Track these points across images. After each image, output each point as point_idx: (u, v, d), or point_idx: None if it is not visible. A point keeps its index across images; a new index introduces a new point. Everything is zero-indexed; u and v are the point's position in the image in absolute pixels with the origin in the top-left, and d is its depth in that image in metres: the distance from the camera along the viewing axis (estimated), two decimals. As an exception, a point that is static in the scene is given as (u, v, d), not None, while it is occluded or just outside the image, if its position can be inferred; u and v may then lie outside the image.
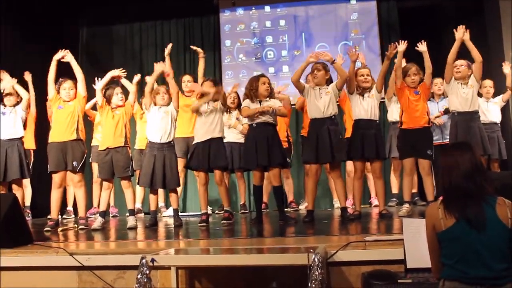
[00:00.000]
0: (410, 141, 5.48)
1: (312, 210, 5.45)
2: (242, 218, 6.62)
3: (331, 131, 5.35)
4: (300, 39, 8.80)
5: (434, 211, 2.58)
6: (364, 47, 8.57)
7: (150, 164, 5.64)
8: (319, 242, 3.77)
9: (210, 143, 5.55)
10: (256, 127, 5.47)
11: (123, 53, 9.26)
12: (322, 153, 5.34)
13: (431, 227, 2.59)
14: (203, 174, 5.62)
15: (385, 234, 4.03)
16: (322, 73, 5.51)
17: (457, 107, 5.76)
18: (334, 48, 8.59)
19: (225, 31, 9.00)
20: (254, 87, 5.52)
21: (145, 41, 9.30)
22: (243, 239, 4.49)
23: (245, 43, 8.94)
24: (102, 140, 5.81)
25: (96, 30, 9.37)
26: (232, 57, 8.91)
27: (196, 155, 5.59)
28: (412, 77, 5.55)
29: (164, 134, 5.69)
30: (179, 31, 9.22)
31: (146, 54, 9.24)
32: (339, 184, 5.49)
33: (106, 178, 5.72)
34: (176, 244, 4.35)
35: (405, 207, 5.49)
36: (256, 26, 8.94)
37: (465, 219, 2.46)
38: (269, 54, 8.85)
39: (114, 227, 6.17)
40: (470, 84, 5.67)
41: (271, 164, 5.40)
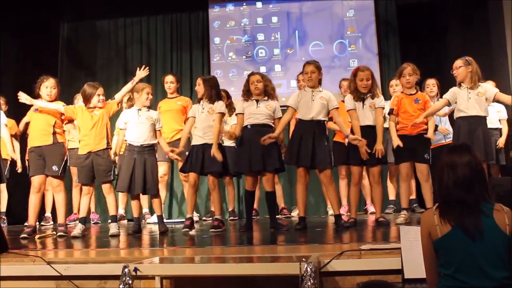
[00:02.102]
0: (407, 145, 5.49)
1: (304, 217, 5.45)
2: (231, 225, 6.60)
3: (316, 136, 5.33)
4: (294, 37, 8.81)
5: (430, 217, 2.58)
6: (361, 45, 8.61)
7: (129, 168, 5.62)
8: (312, 251, 3.76)
9: (205, 147, 5.54)
10: (251, 129, 5.46)
11: (106, 50, 9.24)
12: (302, 156, 5.32)
13: (427, 235, 2.59)
14: (194, 176, 5.59)
15: (382, 242, 4.03)
16: (316, 74, 5.46)
17: (462, 112, 5.57)
18: (329, 46, 8.63)
19: (214, 27, 9.00)
20: (246, 89, 5.55)
21: (130, 37, 9.28)
22: (232, 247, 4.48)
23: (236, 41, 8.95)
24: (82, 144, 5.73)
25: (78, 24, 9.34)
26: (222, 55, 8.92)
27: (190, 158, 5.60)
28: (407, 77, 5.55)
29: (144, 137, 5.68)
30: (166, 27, 9.22)
31: (131, 51, 9.23)
32: (330, 190, 5.47)
33: (86, 183, 5.70)
34: (160, 252, 4.33)
35: (403, 214, 5.49)
36: (247, 23, 8.95)
37: (461, 227, 2.46)
38: (261, 53, 8.87)
39: (95, 235, 6.13)
40: (481, 92, 5.50)
41: (266, 169, 5.39)
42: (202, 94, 5.67)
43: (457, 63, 5.55)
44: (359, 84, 5.52)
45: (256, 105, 5.49)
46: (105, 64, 9.13)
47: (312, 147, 5.31)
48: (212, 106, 5.60)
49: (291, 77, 8.43)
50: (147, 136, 5.71)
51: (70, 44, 9.31)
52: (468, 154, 2.57)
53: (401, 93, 5.72)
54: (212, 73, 8.79)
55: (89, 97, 5.68)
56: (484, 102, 5.51)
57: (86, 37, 9.29)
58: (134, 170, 5.62)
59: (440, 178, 2.60)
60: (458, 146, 2.70)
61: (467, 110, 5.49)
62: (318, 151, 5.32)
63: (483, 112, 5.50)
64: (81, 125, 5.75)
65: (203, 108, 5.62)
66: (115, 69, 9.14)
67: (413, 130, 5.50)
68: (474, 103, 5.44)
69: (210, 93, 5.62)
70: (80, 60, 9.14)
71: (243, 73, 8.51)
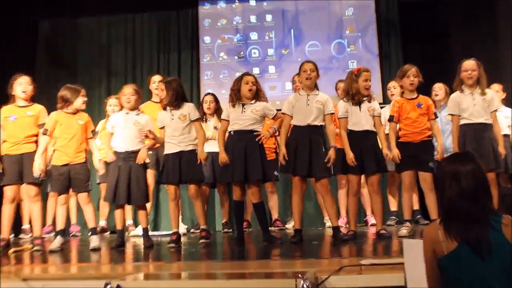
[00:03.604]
0: (410, 152, 5.48)
1: (300, 229, 5.43)
2: (224, 237, 6.58)
3: (313, 142, 5.32)
4: (289, 36, 8.82)
5: (433, 233, 2.54)
6: (361, 46, 8.63)
7: (114, 177, 5.60)
8: (308, 266, 3.75)
9: (181, 154, 5.52)
10: (234, 135, 5.44)
11: (88, 50, 9.20)
12: (299, 165, 5.30)
13: (431, 252, 2.54)
14: (173, 188, 5.57)
15: (383, 257, 4.03)
16: (315, 74, 5.47)
17: (468, 118, 5.63)
18: (326, 47, 8.64)
19: (204, 26, 8.99)
20: (236, 88, 5.48)
21: (114, 37, 9.26)
22: (222, 262, 4.47)
23: (227, 40, 8.94)
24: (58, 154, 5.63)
25: (58, 22, 9.31)
26: (212, 56, 8.91)
27: (166, 168, 5.57)
28: (412, 78, 5.55)
29: (130, 142, 5.65)
30: (153, 25, 9.20)
31: (115, 51, 9.21)
32: (328, 200, 5.44)
33: (61, 192, 5.64)
34: (145, 268, 4.32)
35: (406, 227, 5.48)
36: (239, 21, 8.95)
37: (468, 243, 2.43)
38: (254, 53, 8.86)
39: (75, 248, 6.10)
40: (486, 98, 5.54)
41: (247, 179, 5.36)
42: (166, 100, 5.60)
43: (472, 64, 5.57)
44: (363, 85, 5.50)
45: (242, 110, 5.43)
46: (87, 64, 9.09)
47: (309, 155, 5.29)
48: (182, 111, 5.57)
49: (286, 79, 8.43)
50: (133, 142, 5.67)
51: (49, 43, 9.28)
52: (471, 163, 2.55)
53: (401, 98, 5.71)
54: (202, 74, 8.80)
55: (70, 100, 5.64)
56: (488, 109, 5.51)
57: (66, 36, 9.26)
58: (118, 178, 5.59)
59: (443, 189, 2.57)
60: (461, 155, 2.69)
61: (473, 117, 5.51)
62: (315, 158, 5.30)
63: (489, 118, 5.53)
64: (60, 133, 5.65)
65: (172, 115, 5.59)
66: (97, 70, 9.11)
67: (416, 136, 5.50)
68: (480, 110, 5.45)
69: (172, 97, 5.56)
70: (60, 61, 9.10)
71: (235, 75, 8.42)
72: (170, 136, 5.58)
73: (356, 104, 5.50)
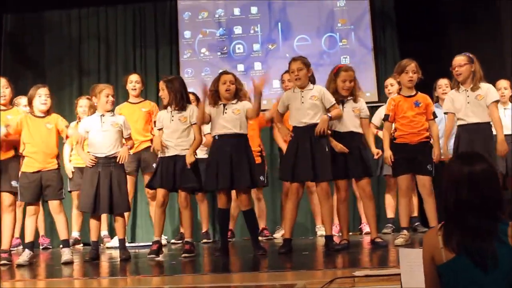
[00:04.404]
0: (407, 154, 5.54)
1: (290, 238, 5.46)
2: (205, 248, 6.61)
3: (314, 142, 5.35)
4: (276, 30, 8.85)
5: (433, 238, 2.54)
6: (354, 40, 8.66)
7: (93, 184, 5.61)
8: (299, 278, 3.80)
9: (176, 159, 5.56)
10: (219, 140, 5.48)
11: (57, 45, 9.18)
12: (302, 170, 5.35)
13: (430, 259, 2.55)
14: (164, 193, 5.60)
15: (378, 267, 4.07)
16: (304, 72, 5.49)
17: (461, 118, 5.62)
18: (317, 41, 8.67)
19: (184, 19, 9.00)
20: (213, 89, 5.53)
21: (85, 31, 9.23)
22: (206, 275, 4.50)
23: (209, 35, 8.96)
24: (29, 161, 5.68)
25: (24, 16, 9.29)
26: (193, 52, 8.92)
27: (159, 172, 5.59)
28: (411, 74, 5.59)
29: (110, 147, 5.67)
30: (128, 19, 9.18)
31: (87, 46, 9.18)
32: (325, 206, 5.45)
33: (31, 202, 5.66)
34: (122, 282, 4.34)
35: (403, 235, 5.51)
36: (222, 14, 8.96)
37: (468, 254, 2.41)
38: (238, 48, 8.89)
39: (45, 262, 6.12)
40: (480, 94, 5.54)
41: (234, 186, 5.41)
42: (168, 101, 5.68)
43: (460, 60, 5.58)
44: (341, 85, 5.60)
45: (223, 111, 5.47)
46: (56, 61, 9.08)
47: (311, 157, 5.33)
48: (183, 113, 5.62)
49: (273, 76, 8.43)
50: (113, 145, 5.70)
51: (14, 39, 9.25)
52: (483, 163, 2.51)
53: (398, 95, 5.77)
54: (182, 72, 8.78)
55: (30, 100, 5.69)
56: (485, 106, 5.54)
57: (33, 31, 9.23)
58: (98, 186, 5.60)
59: (446, 193, 2.54)
60: (470, 155, 2.63)
61: (466, 117, 5.53)
62: (317, 160, 5.34)
63: (485, 117, 5.53)
64: (27, 138, 5.69)
65: (172, 116, 5.64)
66: (67, 67, 9.09)
67: (413, 137, 5.56)
68: (473, 108, 5.47)
69: (176, 98, 5.63)
70: (26, 57, 9.08)
71: (218, 72, 8.47)
72: (167, 138, 5.62)
73: (339, 104, 5.56)
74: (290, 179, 5.45)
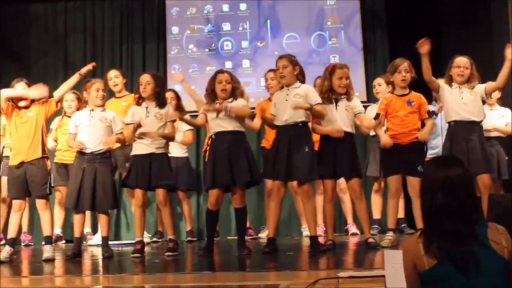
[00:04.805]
0: (398, 154, 5.54)
1: (274, 238, 5.48)
2: (189, 247, 6.61)
3: (293, 141, 5.37)
4: (265, 27, 8.83)
5: (413, 245, 2.52)
6: (343, 39, 8.67)
7: (77, 180, 5.60)
8: (283, 279, 3.81)
9: (152, 157, 5.55)
10: (216, 138, 5.47)
11: (43, 40, 9.14)
12: (279, 168, 5.37)
13: (411, 266, 2.52)
14: (142, 193, 5.60)
15: (363, 269, 4.09)
16: (289, 69, 5.50)
17: (454, 115, 5.66)
18: (306, 39, 8.68)
19: (172, 15, 8.98)
20: (210, 88, 5.53)
21: (71, 25, 9.19)
22: (189, 274, 4.51)
23: (197, 31, 8.94)
24: (14, 152, 5.71)
25: (9, 9, 9.22)
26: (181, 48, 8.90)
27: (134, 171, 5.58)
28: (404, 74, 5.59)
29: (97, 142, 5.66)
30: (115, 14, 9.15)
31: (72, 41, 9.14)
32: (308, 207, 5.49)
33: (17, 197, 5.63)
34: (105, 280, 4.37)
35: (389, 236, 5.52)
36: (210, 11, 8.94)
37: (450, 260, 2.41)
38: (226, 45, 8.87)
39: (26, 259, 6.11)
40: (475, 91, 5.60)
41: (234, 182, 5.38)
42: (149, 95, 5.65)
43: (465, 61, 5.61)
44: (337, 83, 5.55)
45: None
46: (41, 56, 9.04)
47: (288, 156, 5.34)
48: (160, 110, 5.61)
49: (261, 74, 8.38)
50: (100, 141, 5.68)
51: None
52: (459, 168, 2.54)
53: (391, 94, 5.78)
54: (169, 68, 8.77)
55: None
56: (479, 103, 5.58)
57: (17, 24, 9.16)
58: (82, 182, 5.59)
59: (425, 198, 2.56)
60: (447, 159, 2.68)
61: (461, 113, 5.54)
62: (295, 159, 5.34)
63: (479, 115, 5.58)
64: (12, 129, 5.70)
65: (148, 111, 5.62)
66: (53, 62, 9.05)
67: (404, 137, 5.56)
68: (469, 105, 5.49)
69: (159, 95, 5.64)
70: (10, 51, 9.02)
71: (205, 69, 8.53)
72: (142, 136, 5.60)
73: (331, 103, 5.56)
74: (271, 177, 5.46)
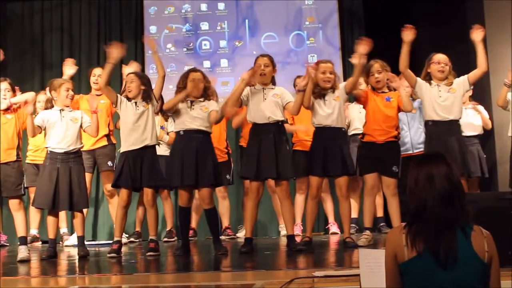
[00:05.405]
0: (373, 153, 5.58)
1: (251, 238, 5.49)
2: (166, 247, 6.60)
3: (277, 140, 5.39)
4: (243, 27, 8.86)
5: (396, 236, 2.57)
6: (321, 38, 8.72)
7: (52, 180, 5.55)
8: (259, 278, 3.82)
9: (142, 154, 5.52)
10: (184, 136, 5.48)
11: (19, 38, 9.08)
12: (264, 167, 5.37)
13: (392, 256, 2.57)
14: (128, 193, 5.58)
15: (339, 268, 4.11)
16: (270, 69, 5.54)
17: (432, 115, 5.58)
18: (284, 39, 8.70)
19: (150, 14, 8.96)
20: (181, 86, 5.53)
21: (48, 24, 9.14)
22: (166, 275, 4.51)
23: (175, 30, 8.94)
24: None
25: (-15, 8, 9.18)
26: (159, 47, 8.82)
27: (126, 169, 5.52)
28: (376, 75, 5.64)
29: (70, 142, 5.62)
30: (92, 13, 9.12)
31: (49, 40, 9.10)
32: (286, 205, 5.50)
33: None
34: (80, 281, 4.32)
35: (365, 235, 5.54)
36: (188, 10, 8.94)
37: (431, 252, 2.47)
38: (204, 45, 8.88)
39: (0, 260, 6.05)
40: (453, 88, 5.56)
41: (199, 183, 5.40)
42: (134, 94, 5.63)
43: (445, 58, 5.62)
44: (321, 77, 5.55)
45: (190, 107, 5.49)
46: (17, 55, 8.97)
47: (274, 154, 5.36)
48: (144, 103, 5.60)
49: (239, 73, 8.35)
50: (72, 140, 5.64)
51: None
52: (445, 165, 2.59)
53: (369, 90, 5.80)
54: (147, 67, 8.74)
55: None
56: (458, 101, 5.57)
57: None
58: (58, 182, 5.55)
59: (413, 192, 2.60)
60: (434, 156, 2.70)
61: (440, 113, 5.51)
62: (280, 158, 5.37)
63: (458, 114, 5.56)
64: None
65: (137, 105, 5.61)
66: (29, 61, 9.00)
67: (380, 136, 5.60)
68: (447, 103, 5.49)
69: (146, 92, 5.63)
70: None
71: (184, 68, 8.42)
72: (130, 131, 5.57)
73: (319, 98, 5.57)
74: (253, 177, 5.47)
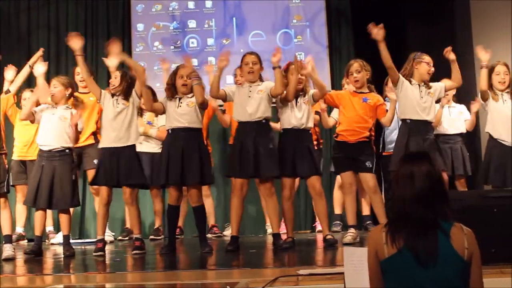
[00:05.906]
0: (346, 153, 5.65)
1: (237, 236, 5.50)
2: (152, 245, 6.60)
3: (258, 137, 5.41)
4: (231, 25, 8.85)
5: (377, 234, 2.60)
6: (309, 36, 8.72)
7: (36, 178, 5.57)
8: (244, 277, 3.85)
9: (120, 152, 5.51)
10: (172, 134, 5.49)
11: (5, 38, 9.02)
12: (244, 166, 5.39)
13: (373, 254, 2.60)
14: (108, 190, 5.58)
15: (323, 266, 4.14)
16: (258, 67, 5.59)
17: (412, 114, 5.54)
18: (271, 37, 8.70)
19: (137, 12, 8.93)
20: (170, 83, 5.56)
21: (35, 22, 9.09)
22: (152, 273, 4.53)
23: (162, 28, 8.91)
24: None
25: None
26: (146, 45, 8.86)
27: (104, 167, 5.53)
28: (355, 75, 5.68)
29: (55, 140, 5.61)
30: (79, 10, 9.06)
31: (36, 38, 9.04)
32: (271, 204, 5.54)
33: None
34: (66, 279, 4.34)
35: (350, 233, 5.56)
36: (176, 8, 8.92)
37: (411, 250, 2.50)
38: (192, 43, 8.87)
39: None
40: (431, 92, 5.59)
41: (185, 181, 5.42)
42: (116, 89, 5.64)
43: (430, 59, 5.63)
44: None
45: (178, 104, 5.49)
46: (4, 53, 8.93)
47: (255, 152, 5.37)
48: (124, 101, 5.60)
49: (227, 71, 8.25)
50: (59, 139, 5.63)
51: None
52: (426, 164, 2.62)
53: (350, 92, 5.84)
54: (135, 65, 8.71)
55: None
56: (433, 104, 5.64)
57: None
58: (40, 179, 5.55)
59: (395, 191, 2.66)
60: (416, 155, 2.78)
61: (419, 113, 5.50)
62: (262, 155, 5.38)
63: (433, 117, 5.64)
64: None
65: (117, 103, 5.60)
66: (16, 59, 8.86)
67: (352, 136, 5.64)
68: (426, 105, 5.51)
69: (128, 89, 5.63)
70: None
71: (171, 66, 8.49)
72: (109, 127, 5.57)
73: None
74: (234, 175, 5.48)
